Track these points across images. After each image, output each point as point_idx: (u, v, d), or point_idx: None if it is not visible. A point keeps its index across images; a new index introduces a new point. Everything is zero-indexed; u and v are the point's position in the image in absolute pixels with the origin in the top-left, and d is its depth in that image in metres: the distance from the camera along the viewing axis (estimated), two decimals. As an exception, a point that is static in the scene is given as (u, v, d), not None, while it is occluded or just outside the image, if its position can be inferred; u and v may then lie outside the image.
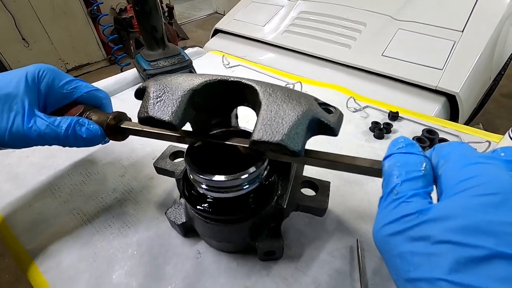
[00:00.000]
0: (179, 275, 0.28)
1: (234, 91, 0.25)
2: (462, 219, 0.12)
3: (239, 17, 1.04)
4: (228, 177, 0.23)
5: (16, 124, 0.27)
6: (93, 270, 0.29)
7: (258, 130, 0.20)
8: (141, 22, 0.41)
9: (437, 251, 0.12)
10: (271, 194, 0.27)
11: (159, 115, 0.23)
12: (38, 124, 0.27)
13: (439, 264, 0.12)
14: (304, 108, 0.20)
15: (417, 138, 0.39)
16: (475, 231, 0.12)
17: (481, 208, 0.12)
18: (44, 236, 0.32)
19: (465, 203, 0.13)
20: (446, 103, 0.72)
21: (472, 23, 0.76)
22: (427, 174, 0.16)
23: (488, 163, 0.14)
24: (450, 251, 0.12)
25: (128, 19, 2.19)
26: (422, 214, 0.14)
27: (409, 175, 0.16)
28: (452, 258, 0.12)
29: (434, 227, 0.13)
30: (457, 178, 0.14)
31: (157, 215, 0.34)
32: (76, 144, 0.29)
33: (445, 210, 0.13)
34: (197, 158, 0.25)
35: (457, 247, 0.12)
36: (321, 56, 0.83)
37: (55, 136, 0.28)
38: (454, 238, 0.12)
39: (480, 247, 0.11)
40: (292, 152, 0.19)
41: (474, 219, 0.12)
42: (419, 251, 0.13)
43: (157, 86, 0.24)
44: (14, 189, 0.37)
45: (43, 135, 0.27)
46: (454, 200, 0.13)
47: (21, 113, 0.27)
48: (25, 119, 0.27)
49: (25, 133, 0.27)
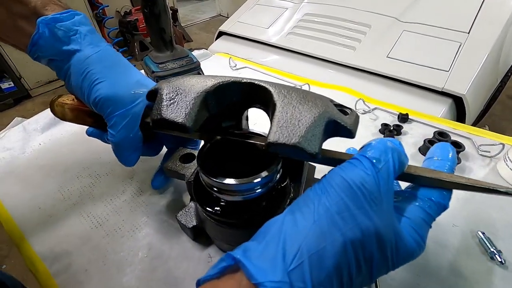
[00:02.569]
0: (190, 279, 0.28)
1: (247, 93, 0.25)
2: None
3: (243, 19, 1.04)
4: (240, 180, 0.22)
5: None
6: (103, 274, 0.28)
7: (273, 132, 0.20)
8: (149, 24, 0.41)
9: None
10: (283, 197, 0.27)
11: (173, 117, 0.23)
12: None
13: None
14: (321, 110, 0.20)
15: (428, 140, 0.39)
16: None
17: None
18: (54, 238, 0.32)
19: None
20: (452, 105, 0.72)
21: (478, 24, 0.76)
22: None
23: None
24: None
25: (132, 22, 2.21)
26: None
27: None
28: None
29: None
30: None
31: (167, 218, 0.33)
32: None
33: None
34: (209, 161, 0.25)
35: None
36: (326, 58, 0.83)
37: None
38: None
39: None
40: (309, 154, 0.19)
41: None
42: None
43: (170, 88, 0.24)
44: (24, 192, 0.37)
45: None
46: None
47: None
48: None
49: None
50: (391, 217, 0.17)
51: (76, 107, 0.31)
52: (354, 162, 0.18)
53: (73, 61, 0.27)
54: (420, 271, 0.27)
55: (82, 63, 0.27)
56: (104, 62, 0.28)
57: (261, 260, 0.16)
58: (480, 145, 0.39)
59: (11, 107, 1.92)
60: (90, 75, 0.27)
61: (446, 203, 0.19)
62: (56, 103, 0.31)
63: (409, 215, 0.19)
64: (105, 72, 0.27)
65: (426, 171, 0.20)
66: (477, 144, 0.39)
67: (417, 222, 0.18)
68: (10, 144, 0.44)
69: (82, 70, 0.27)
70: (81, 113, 0.31)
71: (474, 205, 0.32)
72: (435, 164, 0.20)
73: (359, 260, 0.16)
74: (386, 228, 0.17)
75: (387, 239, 0.17)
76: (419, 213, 0.19)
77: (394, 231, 0.17)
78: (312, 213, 0.17)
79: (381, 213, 0.17)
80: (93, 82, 0.27)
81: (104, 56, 0.28)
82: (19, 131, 0.47)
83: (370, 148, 0.18)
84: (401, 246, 0.17)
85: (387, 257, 0.17)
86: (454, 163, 0.21)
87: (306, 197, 0.18)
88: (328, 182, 0.18)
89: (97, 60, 0.27)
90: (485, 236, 0.28)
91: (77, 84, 0.28)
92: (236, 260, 0.16)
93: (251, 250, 0.17)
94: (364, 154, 0.18)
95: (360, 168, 0.17)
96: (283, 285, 0.15)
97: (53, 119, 0.48)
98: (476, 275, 0.27)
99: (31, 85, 1.99)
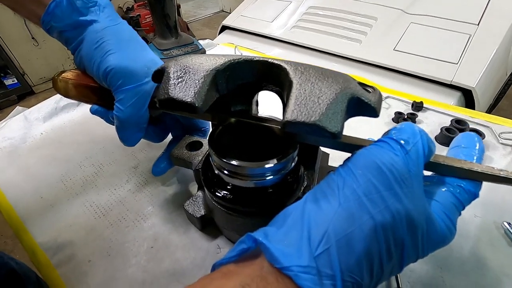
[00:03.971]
0: (198, 271, 0.26)
1: (259, 72, 0.23)
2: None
3: (246, 13, 1.03)
4: (254, 164, 0.21)
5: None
6: (108, 265, 0.27)
7: (291, 110, 0.18)
8: (154, 10, 0.40)
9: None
10: (297, 185, 0.25)
11: (181, 96, 0.21)
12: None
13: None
14: (342, 86, 0.18)
15: (446, 128, 0.37)
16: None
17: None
18: (56, 228, 0.31)
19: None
20: (461, 98, 0.70)
21: (488, 15, 0.74)
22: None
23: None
24: None
25: (135, 18, 2.20)
26: None
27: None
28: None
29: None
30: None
31: (173, 208, 0.32)
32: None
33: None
34: (221, 144, 0.24)
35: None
36: (331, 51, 0.82)
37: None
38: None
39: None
40: (330, 133, 0.17)
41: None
42: None
43: (177, 66, 0.23)
44: (26, 181, 0.36)
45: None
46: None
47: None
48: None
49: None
50: (422, 200, 0.16)
51: (80, 83, 0.29)
52: (381, 144, 0.17)
53: (88, 31, 0.26)
54: (443, 263, 0.25)
55: (98, 33, 0.26)
56: (120, 35, 0.27)
57: (285, 244, 0.15)
58: (500, 133, 0.37)
59: (15, 103, 1.92)
60: (105, 45, 0.26)
61: (476, 191, 0.18)
62: (60, 79, 0.29)
63: (439, 199, 0.17)
64: (120, 45, 0.26)
65: (455, 161, 0.18)
66: (497, 132, 0.38)
67: (448, 206, 0.17)
68: (11, 133, 0.43)
69: (97, 39, 0.26)
70: (85, 89, 0.29)
71: (496, 195, 0.31)
72: (463, 152, 0.19)
73: (389, 246, 0.15)
74: (417, 211, 0.15)
75: (418, 223, 0.15)
76: (449, 198, 0.17)
77: (426, 215, 0.16)
78: (337, 196, 0.16)
79: (412, 196, 0.15)
80: (106, 52, 0.26)
81: (122, 30, 0.27)
82: (20, 120, 0.46)
83: (396, 131, 0.17)
84: (432, 231, 0.16)
85: (418, 243, 0.16)
86: (482, 152, 0.19)
87: (329, 180, 0.17)
88: (354, 164, 0.16)
89: (114, 32, 0.27)
90: (511, 226, 0.27)
91: (88, 54, 0.27)
92: (258, 242, 0.15)
93: (272, 233, 0.16)
94: (391, 136, 0.17)
95: (387, 149, 0.16)
96: (310, 270, 0.13)
97: (55, 109, 0.47)
98: (504, 268, 0.25)
99: (34, 81, 1.98)
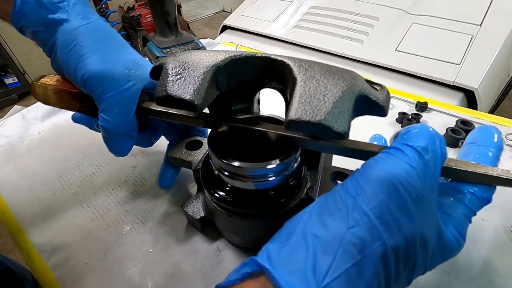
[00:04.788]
0: (198, 273, 0.25)
1: (262, 69, 0.22)
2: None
3: (247, 13, 1.02)
4: (254, 164, 0.20)
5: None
6: (104, 268, 0.26)
7: (295, 108, 0.17)
8: (154, 7, 0.39)
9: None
10: (300, 186, 0.25)
11: (180, 94, 0.20)
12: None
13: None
14: (349, 84, 0.18)
15: (451, 129, 0.36)
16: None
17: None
18: (52, 230, 0.30)
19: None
20: (463, 99, 0.69)
21: (490, 16, 0.74)
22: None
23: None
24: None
25: (136, 17, 2.20)
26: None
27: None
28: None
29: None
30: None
31: (172, 209, 0.31)
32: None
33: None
34: (221, 144, 0.23)
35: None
36: (333, 51, 0.81)
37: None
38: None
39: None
40: (336, 133, 0.16)
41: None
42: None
43: (176, 62, 0.22)
44: (22, 181, 0.36)
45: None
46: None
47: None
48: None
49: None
50: (435, 217, 0.15)
51: (60, 88, 0.27)
52: (395, 153, 0.15)
53: (59, 32, 0.24)
54: (450, 268, 0.25)
55: (70, 34, 0.24)
56: (95, 35, 0.24)
57: (290, 269, 0.14)
58: (507, 134, 0.37)
59: (15, 102, 1.91)
60: (78, 48, 0.23)
61: (489, 197, 0.17)
62: (38, 84, 0.27)
63: (450, 211, 0.16)
64: (96, 46, 0.24)
65: (469, 164, 0.17)
66: (503, 133, 0.37)
67: (458, 218, 0.16)
68: (9, 132, 0.43)
69: (69, 41, 0.23)
70: (66, 95, 0.27)
71: (505, 198, 0.30)
72: (478, 151, 0.18)
73: (399, 267, 0.14)
74: (430, 229, 0.14)
75: (430, 242, 0.14)
76: (460, 208, 0.16)
77: (437, 231, 0.15)
78: (346, 218, 0.14)
79: (426, 214, 0.14)
80: (81, 56, 0.23)
81: (95, 29, 0.25)
82: (18, 119, 0.45)
83: (412, 135, 0.15)
84: (441, 246, 0.15)
85: (428, 259, 0.15)
86: (499, 149, 0.18)
87: (336, 196, 0.15)
88: (364, 179, 0.15)
89: (87, 32, 0.24)
90: (521, 231, 0.26)
91: (62, 59, 0.24)
92: (261, 267, 0.14)
93: (275, 254, 0.15)
94: (406, 142, 0.15)
95: (403, 160, 0.14)
96: None
97: (53, 108, 0.46)
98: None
99: (34, 80, 1.98)
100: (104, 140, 0.26)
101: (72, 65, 0.24)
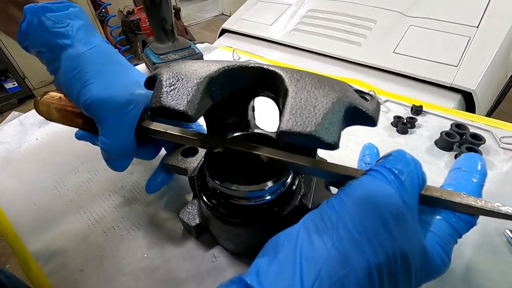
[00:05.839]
0: (193, 280, 0.26)
1: (254, 79, 0.23)
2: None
3: (246, 16, 1.03)
4: (250, 187, 0.21)
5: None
6: (100, 274, 0.27)
7: (286, 120, 0.18)
8: (150, 13, 0.40)
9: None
10: (294, 194, 0.25)
11: (173, 105, 0.21)
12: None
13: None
14: (339, 95, 0.18)
15: (446, 133, 0.37)
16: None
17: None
18: (48, 236, 0.30)
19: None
20: (461, 101, 0.69)
21: (487, 18, 0.74)
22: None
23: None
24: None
25: (135, 21, 2.21)
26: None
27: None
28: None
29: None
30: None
31: (168, 215, 0.31)
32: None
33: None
34: (216, 160, 0.23)
35: None
36: (331, 54, 0.81)
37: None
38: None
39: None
40: (326, 144, 0.17)
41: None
42: None
43: (170, 73, 0.22)
44: (18, 187, 0.36)
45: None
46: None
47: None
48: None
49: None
50: (417, 234, 0.16)
51: (63, 106, 0.28)
52: (374, 174, 0.16)
53: (63, 57, 0.25)
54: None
55: (73, 60, 0.24)
56: (98, 60, 0.25)
57: (277, 287, 0.14)
58: (501, 137, 0.37)
59: (15, 107, 1.92)
60: (82, 74, 0.24)
61: (474, 220, 0.18)
62: (41, 102, 0.28)
63: (435, 229, 0.17)
64: (99, 71, 0.25)
65: (453, 194, 0.17)
66: (497, 136, 0.37)
67: (443, 237, 0.17)
68: (6, 138, 0.43)
69: (73, 67, 0.24)
70: (69, 113, 0.28)
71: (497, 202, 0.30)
72: (463, 177, 0.19)
73: (383, 284, 0.14)
74: (412, 248, 0.15)
75: (412, 261, 0.15)
76: (445, 228, 0.17)
77: (420, 250, 0.15)
78: (331, 234, 0.15)
79: (407, 232, 0.15)
80: (84, 83, 0.24)
81: (98, 54, 0.25)
82: (15, 125, 0.45)
83: (390, 159, 0.17)
84: (426, 265, 0.16)
85: (411, 278, 0.15)
86: (484, 176, 0.19)
87: (322, 214, 0.16)
88: (348, 197, 0.16)
89: (90, 57, 0.25)
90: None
91: (66, 82, 0.25)
92: (249, 286, 0.15)
93: (264, 271, 0.15)
94: (385, 165, 0.16)
95: (381, 180, 0.16)
96: None
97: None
98: (506, 277, 0.24)
99: (35, 85, 1.98)
100: (104, 158, 0.27)
101: (76, 90, 0.25)
